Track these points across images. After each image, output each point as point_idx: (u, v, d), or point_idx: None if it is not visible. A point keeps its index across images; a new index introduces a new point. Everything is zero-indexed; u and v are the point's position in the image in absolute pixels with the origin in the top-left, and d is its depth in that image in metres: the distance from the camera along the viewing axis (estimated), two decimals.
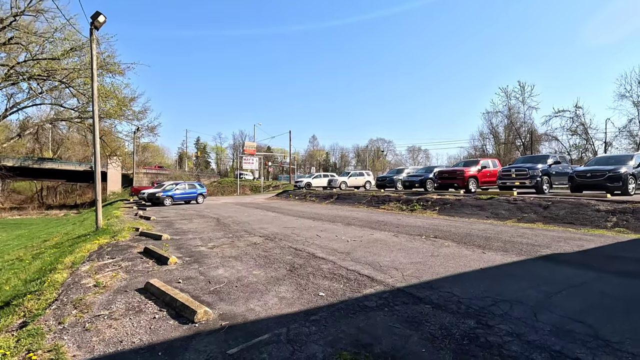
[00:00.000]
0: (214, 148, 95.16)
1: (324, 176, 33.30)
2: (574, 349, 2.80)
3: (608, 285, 4.42)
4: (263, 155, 61.72)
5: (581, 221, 9.63)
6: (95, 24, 11.19)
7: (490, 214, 11.90)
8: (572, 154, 37.58)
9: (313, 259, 6.35)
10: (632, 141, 34.99)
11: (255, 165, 51.45)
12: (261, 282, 5.02)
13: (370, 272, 5.36)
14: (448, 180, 17.54)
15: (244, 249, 7.57)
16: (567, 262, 5.67)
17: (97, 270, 5.97)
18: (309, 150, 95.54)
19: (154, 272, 5.78)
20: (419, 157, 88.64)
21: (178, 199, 24.36)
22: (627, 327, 3.17)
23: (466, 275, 5.05)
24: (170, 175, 53.80)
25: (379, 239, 8.24)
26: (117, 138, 34.76)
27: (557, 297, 4.03)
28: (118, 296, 4.56)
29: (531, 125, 43.61)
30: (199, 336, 3.29)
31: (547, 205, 11.26)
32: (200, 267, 5.98)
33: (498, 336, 3.08)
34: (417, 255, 6.46)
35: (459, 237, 8.26)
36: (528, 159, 17.14)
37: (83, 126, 29.18)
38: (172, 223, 12.94)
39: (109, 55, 21.99)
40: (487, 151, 48.33)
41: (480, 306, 3.80)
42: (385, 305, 3.93)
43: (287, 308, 3.95)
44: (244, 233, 9.89)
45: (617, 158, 13.92)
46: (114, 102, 23.35)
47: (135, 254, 7.30)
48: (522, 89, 42.99)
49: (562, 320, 3.37)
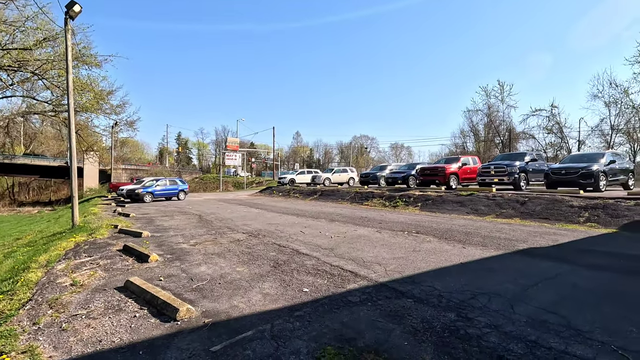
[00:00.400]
0: (195, 144, 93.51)
1: (308, 172, 33.28)
2: (548, 339, 2.92)
3: (580, 278, 4.61)
4: (246, 152, 61.08)
5: (556, 216, 10.00)
6: (70, 14, 10.76)
7: (470, 210, 12.20)
8: (548, 152, 38.93)
9: (297, 255, 6.36)
10: (604, 140, 36.57)
11: (239, 161, 50.91)
12: (245, 278, 4.99)
13: (354, 267, 5.42)
14: (430, 177, 17.86)
15: (227, 245, 7.49)
16: (543, 256, 5.88)
17: (73, 269, 5.79)
18: (293, 146, 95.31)
19: (134, 270, 5.65)
20: (402, 154, 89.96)
21: (159, 196, 23.84)
22: (597, 317, 3.33)
23: (447, 270, 5.17)
24: (151, 171, 52.53)
25: (362, 235, 8.32)
26: (94, 132, 33.59)
27: (532, 289, 4.18)
28: (96, 295, 4.44)
29: (510, 123, 44.95)
30: (182, 334, 3.25)
31: (524, 201, 11.63)
32: (182, 265, 5.89)
33: (477, 328, 3.17)
34: (399, 250, 6.56)
35: (440, 232, 8.44)
36: (506, 156, 17.64)
37: (57, 120, 28.03)
38: (153, 220, 12.66)
39: (85, 46, 21.17)
40: (467, 148, 49.45)
41: (460, 299, 3.90)
42: (368, 300, 3.98)
43: (271, 304, 3.94)
44: (226, 230, 9.79)
45: (589, 156, 14.50)
46: (90, 95, 22.51)
47: (114, 251, 7.11)
48: (502, 88, 44.19)
49: (537, 311, 3.51)
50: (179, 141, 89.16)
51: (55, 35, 19.37)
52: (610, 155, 14.04)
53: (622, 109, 34.12)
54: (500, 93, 44.37)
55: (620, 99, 33.25)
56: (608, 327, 3.11)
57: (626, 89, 31.51)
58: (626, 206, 9.42)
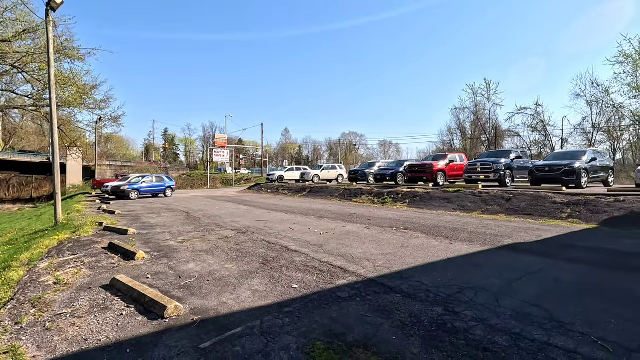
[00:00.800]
0: (182, 140, 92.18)
1: (297, 169, 33.18)
2: (531, 331, 3.00)
3: (562, 272, 4.75)
4: (234, 148, 60.53)
5: (540, 212, 10.24)
6: (51, 5, 10.43)
7: (457, 206, 12.39)
8: (532, 149, 39.71)
9: (286, 252, 6.36)
10: (586, 138, 37.53)
11: (227, 158, 50.39)
12: (234, 275, 4.97)
13: (343, 263, 5.45)
14: (418, 174, 18.05)
15: (216, 242, 7.43)
16: (527, 251, 6.03)
17: (57, 267, 5.66)
18: (282, 143, 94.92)
19: (120, 268, 5.56)
20: (390, 151, 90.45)
21: (145, 192, 23.44)
22: (578, 310, 3.44)
23: (434, 265, 5.25)
24: (137, 168, 51.60)
25: (351, 231, 8.37)
26: (77, 128, 32.68)
27: (517, 283, 4.28)
28: (81, 293, 4.35)
29: (495, 121, 45.65)
30: (170, 331, 3.22)
31: (510, 197, 11.86)
32: (170, 262, 5.82)
33: (464, 322, 3.24)
34: (388, 246, 6.63)
35: (427, 228, 8.55)
36: (492, 153, 17.95)
37: (39, 115, 27.20)
38: (139, 217, 12.46)
39: (67, 39, 20.52)
40: (454, 146, 50.08)
41: (447, 294, 3.97)
42: (357, 296, 4.02)
43: (261, 301, 3.94)
44: (215, 227, 9.71)
45: (571, 154, 14.87)
46: (73, 90, 21.88)
47: (100, 249, 6.98)
48: (488, 87, 44.73)
49: (521, 305, 3.60)
50: (165, 137, 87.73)
51: (35, 27, 18.78)
52: (591, 153, 14.44)
53: (603, 108, 35.06)
54: (486, 91, 44.98)
55: (601, 98, 34.13)
56: (588, 319, 3.21)
57: (607, 88, 32.32)
58: (606, 202, 9.71)
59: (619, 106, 32.39)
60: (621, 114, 33.31)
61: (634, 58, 27.81)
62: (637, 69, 28.04)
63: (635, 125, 32.61)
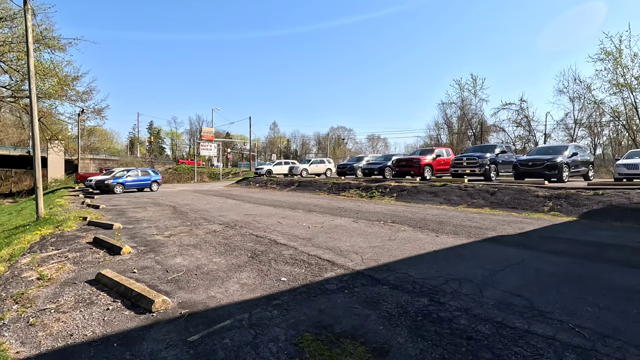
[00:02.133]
0: (168, 133, 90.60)
1: (285, 163, 33.09)
2: (513, 320, 3.11)
3: (543, 263, 4.91)
4: (222, 142, 59.87)
5: (523, 206, 10.51)
6: None
7: (444, 200, 12.59)
8: (517, 144, 40.52)
9: (275, 246, 6.37)
10: (568, 133, 38.45)
11: (214, 151, 49.87)
12: (222, 269, 4.96)
13: (331, 256, 5.50)
14: (405, 168, 18.23)
15: (203, 236, 7.39)
16: (510, 243, 6.19)
17: (40, 263, 5.54)
18: (270, 137, 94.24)
19: (105, 262, 5.49)
20: (378, 145, 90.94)
21: (130, 187, 23.03)
22: (557, 299, 3.57)
23: (421, 257, 5.35)
24: (121, 162, 50.53)
25: (339, 225, 8.43)
26: (58, 120, 31.74)
27: (500, 274, 4.41)
28: (66, 289, 4.28)
29: (481, 116, 46.29)
30: (158, 325, 3.21)
31: (494, 191, 12.12)
32: (157, 257, 5.77)
33: (448, 312, 3.33)
34: (375, 239, 6.71)
35: (414, 222, 8.68)
36: (478, 148, 18.25)
37: (18, 107, 26.29)
38: (124, 212, 12.26)
39: (47, 28, 19.88)
40: (441, 140, 50.65)
41: (433, 285, 4.06)
42: (345, 288, 4.07)
43: (249, 294, 3.95)
44: (202, 221, 9.64)
45: (554, 148, 15.25)
46: (54, 81, 21.21)
47: (84, 244, 6.86)
48: (474, 82, 45.29)
49: (503, 295, 3.71)
50: (150, 130, 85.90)
51: (13, 15, 18.14)
52: (572, 148, 14.83)
53: (585, 104, 35.90)
54: (473, 87, 45.54)
55: (583, 94, 34.92)
56: (567, 308, 3.34)
57: (589, 85, 33.09)
58: (586, 196, 10.02)
59: (599, 102, 33.23)
60: (602, 110, 34.20)
61: (614, 55, 28.55)
62: (617, 66, 28.81)
63: (614, 121, 33.56)
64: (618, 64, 28.61)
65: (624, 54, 28.25)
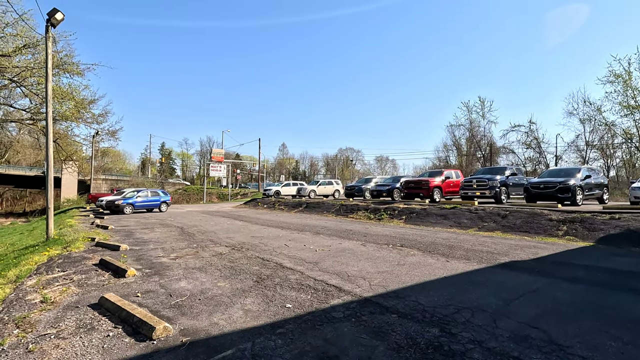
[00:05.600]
0: (179, 154, 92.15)
1: (293, 184, 33.19)
2: (530, 355, 2.92)
3: (559, 291, 4.68)
4: (231, 163, 60.55)
5: (535, 230, 10.22)
6: (52, 21, 10.56)
7: (454, 223, 12.34)
8: (527, 166, 40.06)
9: (281, 269, 6.25)
10: (579, 155, 37.96)
11: (223, 172, 50.32)
12: (226, 294, 4.86)
13: (338, 282, 5.35)
14: (414, 190, 18.07)
15: (209, 259, 7.31)
16: (524, 269, 5.96)
17: (45, 285, 5.51)
18: (279, 158, 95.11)
19: (109, 285, 5.43)
20: (387, 166, 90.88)
21: (139, 207, 23.25)
22: (576, 331, 3.37)
23: (431, 284, 5.17)
24: (132, 182, 51.35)
25: (347, 248, 8.28)
26: (73, 142, 32.61)
27: (514, 303, 4.21)
28: (68, 313, 4.22)
29: (490, 138, 46.18)
30: (158, 354, 3.11)
31: (505, 214, 11.85)
32: (161, 280, 5.69)
33: (461, 344, 3.16)
34: (384, 264, 6.54)
35: (424, 245, 8.48)
36: (487, 170, 18.05)
37: (35, 128, 27.15)
38: (132, 232, 12.29)
39: (67, 54, 20.77)
40: (450, 162, 50.42)
41: (444, 314, 3.89)
42: (352, 316, 3.92)
43: (253, 321, 3.83)
44: (209, 243, 9.58)
45: (566, 171, 14.99)
46: (71, 104, 21.98)
47: (90, 265, 6.84)
48: (482, 104, 45.52)
49: (519, 326, 3.52)
50: (162, 151, 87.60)
51: (35, 42, 18.99)
52: (586, 170, 14.55)
53: (596, 126, 35.62)
54: (481, 109, 45.74)
55: (593, 116, 34.69)
56: (588, 342, 3.14)
57: (599, 107, 32.91)
58: (602, 220, 9.71)
59: (611, 124, 32.93)
60: (613, 131, 33.85)
61: (623, 78, 28.48)
62: (627, 89, 28.69)
63: (627, 143, 33.06)
64: (628, 86, 28.54)
65: (633, 77, 28.18)
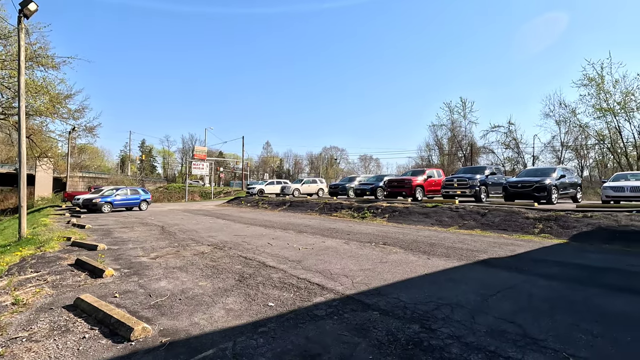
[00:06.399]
0: (160, 152, 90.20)
1: (277, 183, 33.01)
2: (506, 349, 3.01)
3: (535, 287, 4.84)
4: (214, 161, 59.73)
5: (513, 228, 10.52)
6: (24, 12, 10.14)
7: (435, 221, 12.57)
8: (506, 166, 41.09)
9: (263, 268, 6.22)
10: (555, 155, 39.24)
11: (206, 170, 49.61)
12: (207, 293, 4.80)
13: (321, 280, 5.37)
14: (397, 189, 18.28)
15: (191, 258, 7.20)
16: (501, 266, 6.14)
17: (17, 286, 5.30)
18: (263, 156, 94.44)
19: (86, 286, 5.27)
20: (371, 165, 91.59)
21: (118, 206, 22.65)
22: (550, 325, 3.49)
23: (412, 281, 5.25)
24: (111, 180, 49.93)
25: (330, 247, 8.31)
26: (48, 138, 31.36)
27: (492, 299, 4.33)
28: (41, 315, 4.07)
29: (471, 138, 47.14)
30: (136, 355, 3.04)
31: (485, 213, 12.15)
32: (141, 280, 5.57)
33: (440, 339, 3.22)
34: (366, 262, 6.60)
35: (406, 243, 8.60)
36: (468, 169, 18.45)
37: (7, 124, 25.97)
38: (111, 232, 11.96)
39: (42, 46, 19.95)
40: (432, 161, 51.24)
41: (424, 310, 3.95)
42: (334, 314, 3.94)
43: (235, 320, 3.80)
44: (190, 242, 9.42)
45: (542, 171, 15.49)
46: (45, 99, 21.11)
47: (65, 266, 6.62)
48: (464, 105, 46.31)
49: (496, 321, 3.62)
50: (142, 149, 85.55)
51: (7, 34, 18.21)
52: (560, 170, 15.08)
53: (571, 127, 36.85)
54: (462, 109, 46.58)
55: (569, 118, 35.87)
56: (560, 335, 3.26)
57: (574, 109, 34.07)
58: (575, 218, 10.09)
59: (585, 126, 34.17)
60: (587, 133, 35.13)
61: (597, 81, 29.59)
62: (600, 92, 29.80)
63: (599, 144, 34.41)
64: (601, 89, 29.62)
65: (606, 80, 29.32)
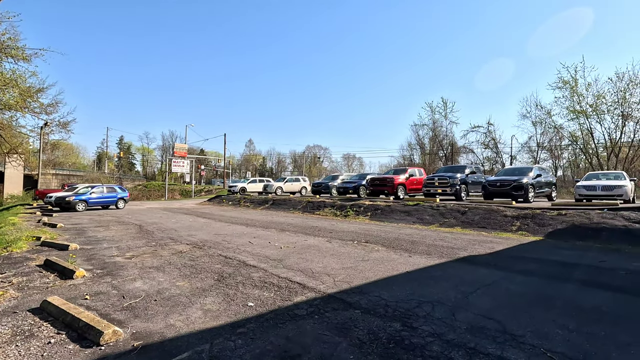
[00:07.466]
0: (140, 149, 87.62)
1: (260, 181, 32.71)
2: (486, 345, 3.02)
3: (513, 284, 4.92)
4: (195, 158, 58.59)
5: (492, 225, 10.74)
6: None
7: (417, 219, 12.70)
8: (485, 165, 42.17)
9: (244, 267, 6.09)
10: (531, 155, 40.57)
11: (187, 168, 48.61)
12: (185, 294, 4.64)
13: (302, 279, 5.29)
14: (379, 187, 18.40)
15: (168, 258, 6.97)
16: (481, 263, 6.23)
17: None
18: (245, 154, 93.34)
19: (54, 288, 5.01)
20: (354, 164, 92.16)
21: (94, 204, 21.85)
22: (528, 321, 3.54)
23: (394, 279, 5.25)
24: (87, 178, 48.21)
25: (312, 245, 8.24)
26: (19, 133, 29.84)
27: (472, 296, 4.36)
28: (3, 319, 3.82)
29: (452, 138, 48.13)
30: None
31: (465, 211, 12.37)
32: (114, 281, 5.34)
33: (421, 337, 3.20)
34: (348, 260, 6.57)
35: (388, 241, 8.63)
36: (449, 168, 18.79)
37: None
38: (84, 231, 11.50)
39: (11, 37, 18.93)
40: (414, 160, 51.97)
41: (405, 308, 3.94)
42: (315, 313, 3.87)
43: (212, 321, 3.67)
44: (169, 241, 9.16)
45: (520, 170, 15.92)
46: (15, 92, 20.12)
47: (33, 267, 6.28)
48: (445, 105, 47.21)
49: (476, 318, 3.64)
50: (120, 145, 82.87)
51: None
52: (537, 170, 15.54)
53: (546, 128, 38.15)
54: (443, 110, 47.45)
55: (544, 119, 37.13)
56: (538, 331, 3.30)
57: (549, 110, 35.26)
58: (550, 216, 10.40)
59: (559, 127, 35.45)
60: (561, 134, 36.46)
61: (571, 84, 30.69)
62: (574, 95, 30.94)
63: (573, 145, 35.77)
64: (574, 92, 30.74)
65: (579, 83, 30.44)
